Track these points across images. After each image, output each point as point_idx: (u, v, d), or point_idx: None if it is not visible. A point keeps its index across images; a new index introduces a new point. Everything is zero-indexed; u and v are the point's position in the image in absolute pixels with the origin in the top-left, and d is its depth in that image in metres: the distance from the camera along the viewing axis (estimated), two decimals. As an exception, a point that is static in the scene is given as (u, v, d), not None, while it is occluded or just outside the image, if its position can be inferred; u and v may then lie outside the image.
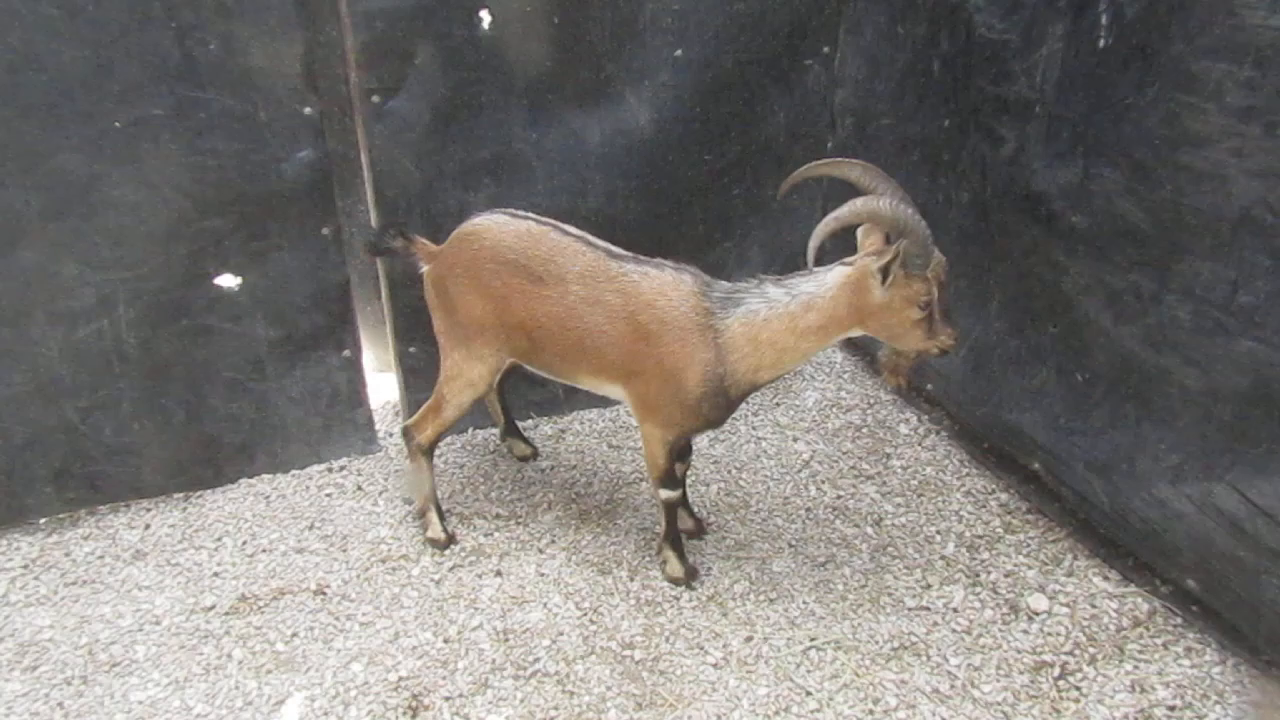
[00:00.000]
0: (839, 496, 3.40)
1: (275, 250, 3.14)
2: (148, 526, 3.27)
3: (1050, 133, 2.85)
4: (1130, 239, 2.66)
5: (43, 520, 3.29)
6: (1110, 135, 2.65)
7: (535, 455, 3.60)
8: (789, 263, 4.00)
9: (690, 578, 3.03)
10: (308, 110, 3.02)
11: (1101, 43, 2.66)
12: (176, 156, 2.92)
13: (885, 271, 2.45)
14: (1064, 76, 2.79)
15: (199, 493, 3.42)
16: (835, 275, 2.58)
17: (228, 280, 3.11)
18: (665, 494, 2.95)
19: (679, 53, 3.41)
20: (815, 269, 2.63)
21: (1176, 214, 2.50)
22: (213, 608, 2.98)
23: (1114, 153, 2.66)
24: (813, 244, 2.56)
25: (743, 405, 3.81)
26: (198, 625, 2.92)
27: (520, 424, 3.67)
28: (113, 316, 3.03)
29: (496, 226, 2.85)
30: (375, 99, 3.09)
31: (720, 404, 2.74)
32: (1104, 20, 2.64)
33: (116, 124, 2.83)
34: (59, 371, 3.04)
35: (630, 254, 2.78)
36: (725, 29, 3.46)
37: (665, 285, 2.69)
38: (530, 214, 2.87)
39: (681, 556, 3.03)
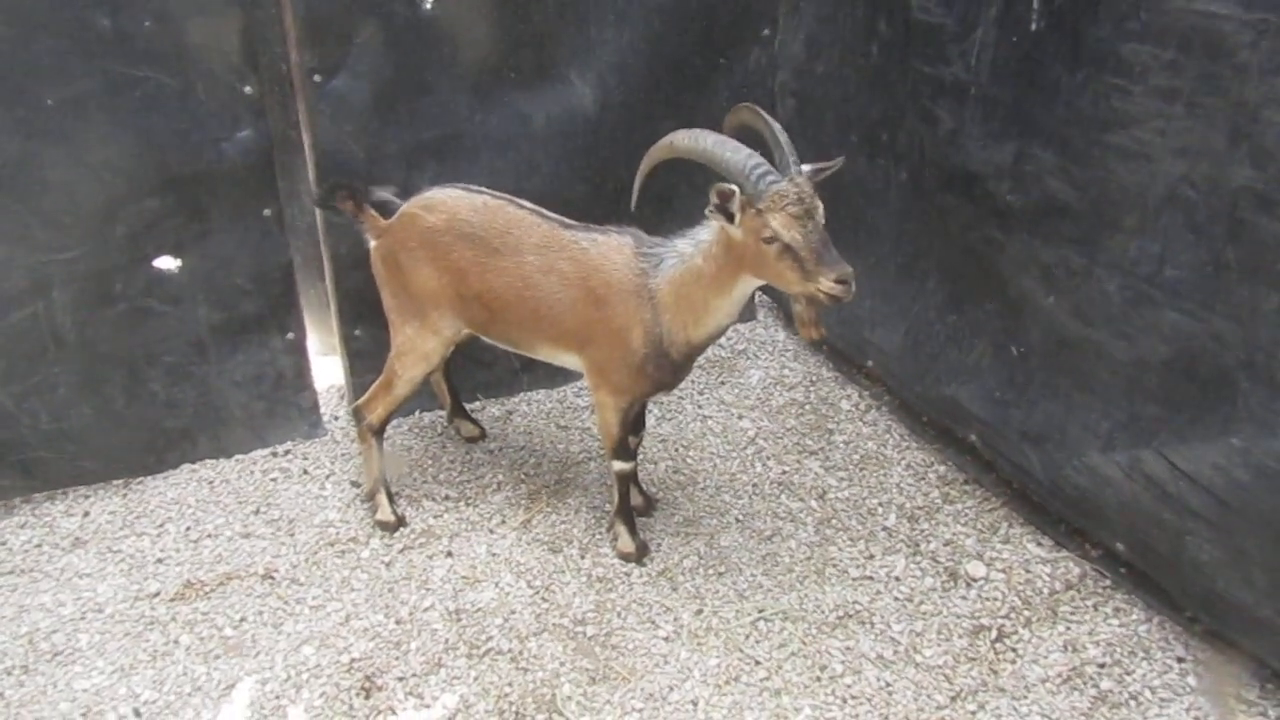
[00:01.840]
0: (784, 472, 3.47)
1: (215, 232, 3.09)
2: (87, 514, 3.21)
3: (985, 114, 2.93)
4: (1062, 216, 2.75)
5: (-26, 510, 3.22)
6: (1042, 116, 2.74)
7: (483, 436, 3.60)
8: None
9: (641, 554, 3.07)
10: (248, 89, 2.98)
11: (1033, 26, 2.74)
12: (111, 135, 2.86)
13: (721, 211, 2.47)
14: (997, 59, 2.87)
15: (140, 479, 3.36)
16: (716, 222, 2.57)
17: (167, 262, 3.05)
18: (619, 466, 2.99)
19: (622, 34, 3.42)
20: None
21: (1105, 191, 2.60)
22: (157, 594, 2.94)
23: (1046, 133, 2.75)
24: (636, 184, 2.64)
25: (688, 384, 3.91)
26: (142, 612, 2.88)
27: (467, 405, 3.67)
28: (47, 300, 2.96)
29: (452, 200, 2.86)
30: (316, 78, 3.05)
31: (664, 365, 2.77)
32: (1035, 4, 2.73)
33: (48, 101, 2.75)
34: (-7, 356, 2.97)
35: (580, 223, 2.81)
36: (667, 10, 3.48)
37: (610, 249, 2.75)
38: (484, 189, 2.89)
39: (633, 531, 3.07)
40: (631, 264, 2.71)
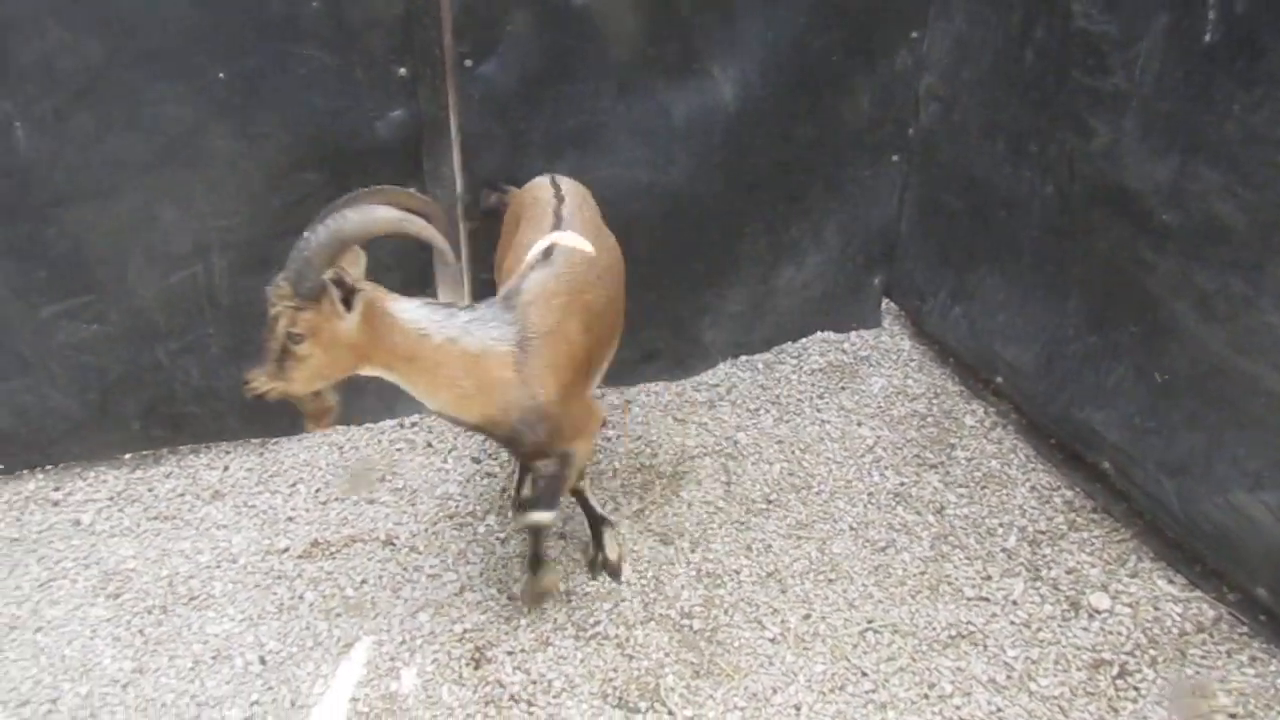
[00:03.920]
0: (901, 483, 3.40)
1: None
2: (226, 469, 3.39)
3: (1146, 128, 2.80)
4: (1225, 239, 2.61)
5: (128, 456, 3.43)
6: (1211, 133, 2.60)
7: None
8: (864, 245, 3.99)
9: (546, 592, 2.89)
10: (402, 71, 3.08)
11: (1207, 38, 2.61)
12: (275, 111, 3.00)
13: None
14: (1164, 71, 2.74)
15: (276, 439, 3.52)
16: None
17: (317, 234, 3.18)
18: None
19: (767, 30, 3.40)
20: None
21: (1277, 217, 2.46)
22: (286, 550, 3.08)
23: (1213, 151, 2.61)
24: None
25: (808, 388, 3.88)
26: (272, 566, 3.03)
27: (588, 392, 3.74)
28: (206, 263, 3.13)
29: (536, 185, 2.99)
30: (467, 63, 3.13)
31: None
32: (1210, 15, 2.59)
33: (220, 75, 2.91)
34: (153, 314, 3.15)
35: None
36: (815, 8, 3.44)
37: None
38: (571, 186, 2.95)
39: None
40: None
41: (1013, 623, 2.85)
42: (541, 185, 2.96)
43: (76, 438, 3.30)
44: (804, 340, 4.10)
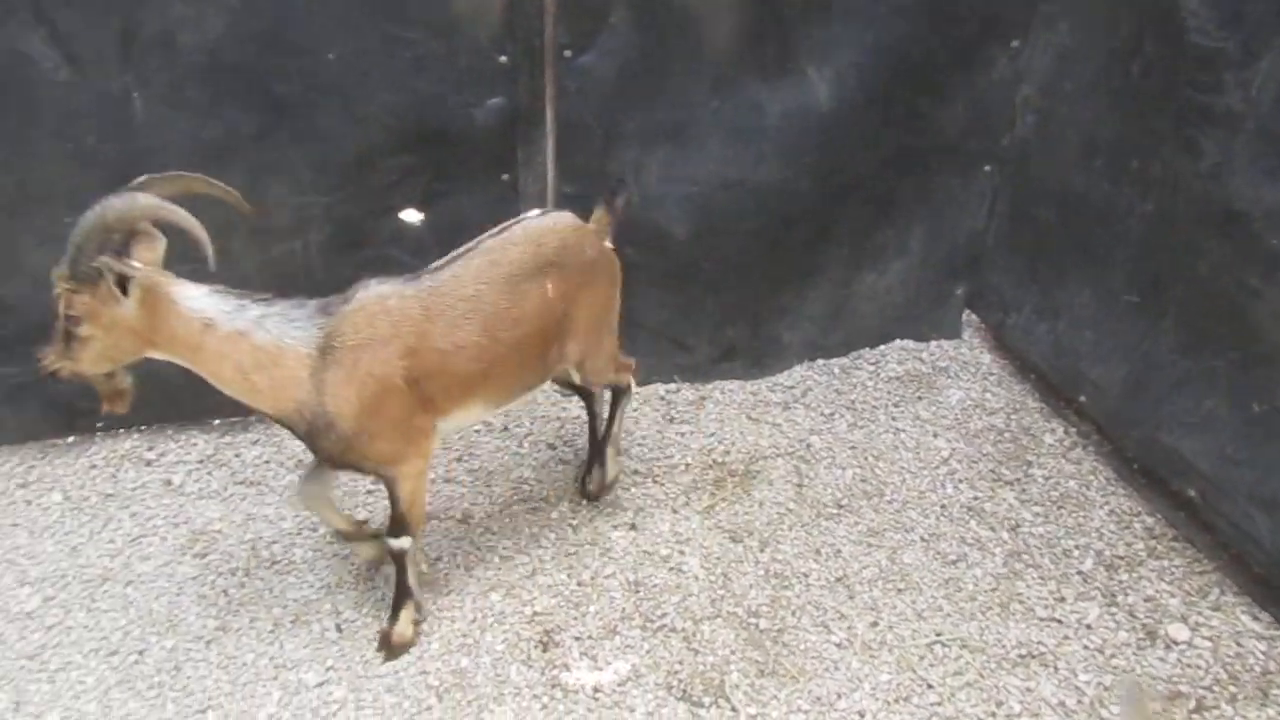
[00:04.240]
0: (975, 498, 3.36)
1: (457, 191, 3.27)
2: (310, 439, 3.48)
3: (1261, 150, 2.72)
4: (1336, 270, 2.54)
5: (217, 422, 3.54)
6: (1329, 159, 2.53)
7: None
8: (949, 254, 3.94)
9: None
10: (503, 59, 3.13)
11: (1331, 61, 2.53)
12: (380, 92, 3.07)
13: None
14: (1283, 92, 2.67)
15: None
16: None
17: (411, 215, 3.26)
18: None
19: (866, 34, 3.38)
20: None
21: (1395, 249, 2.38)
22: (365, 522, 3.15)
23: (1330, 178, 2.53)
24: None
25: (884, 395, 3.85)
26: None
27: (664, 386, 3.77)
28: (305, 239, 3.22)
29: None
30: (567, 53, 3.17)
31: None
32: (1336, 37, 2.51)
33: (330, 56, 2.98)
34: (252, 285, 3.22)
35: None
36: (914, 14, 3.40)
37: None
38: (536, 229, 2.76)
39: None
40: None
41: (1086, 647, 2.80)
42: (525, 217, 2.81)
43: (171, 402, 3.40)
44: (882, 347, 4.07)
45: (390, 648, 2.74)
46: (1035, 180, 3.71)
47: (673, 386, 3.83)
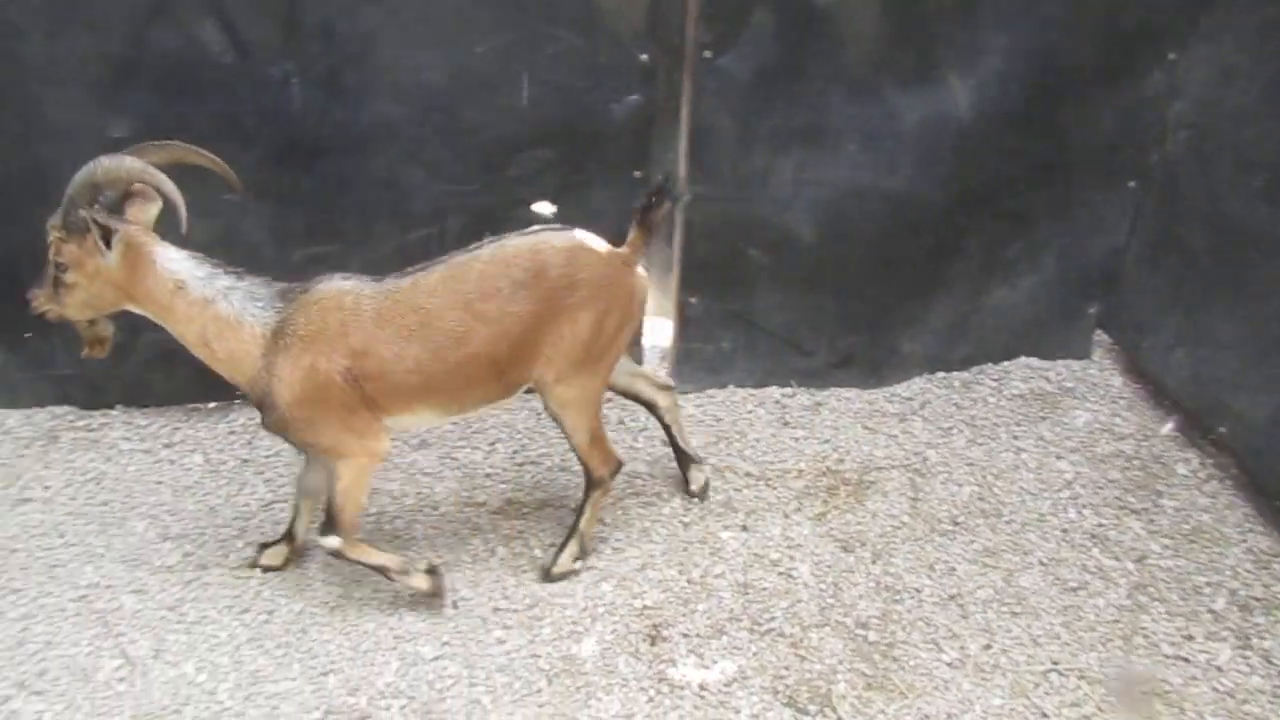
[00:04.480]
0: (1100, 525, 3.25)
1: (589, 185, 3.32)
2: (433, 420, 3.58)
3: None
4: None
5: (347, 397, 3.68)
6: None
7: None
8: (1083, 272, 3.82)
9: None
10: (644, 57, 3.16)
11: None
12: (522, 86, 3.13)
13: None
14: None
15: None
16: None
17: (543, 207, 3.32)
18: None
19: (1013, 42, 3.30)
20: None
21: None
22: (483, 505, 3.25)
23: None
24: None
25: (1006, 412, 3.75)
26: (468, 518, 3.20)
27: (781, 390, 3.74)
28: (442, 225, 3.32)
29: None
30: (706, 54, 3.18)
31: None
32: None
33: (477, 50, 3.07)
34: (389, 268, 3.34)
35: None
36: (1069, 22, 3.30)
37: None
38: (528, 248, 2.69)
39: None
40: None
41: (1215, 689, 2.68)
42: (533, 232, 2.74)
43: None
44: (1006, 363, 3.97)
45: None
46: (1184, 200, 3.56)
47: (789, 390, 3.81)
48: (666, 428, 3.24)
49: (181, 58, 2.99)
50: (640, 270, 2.79)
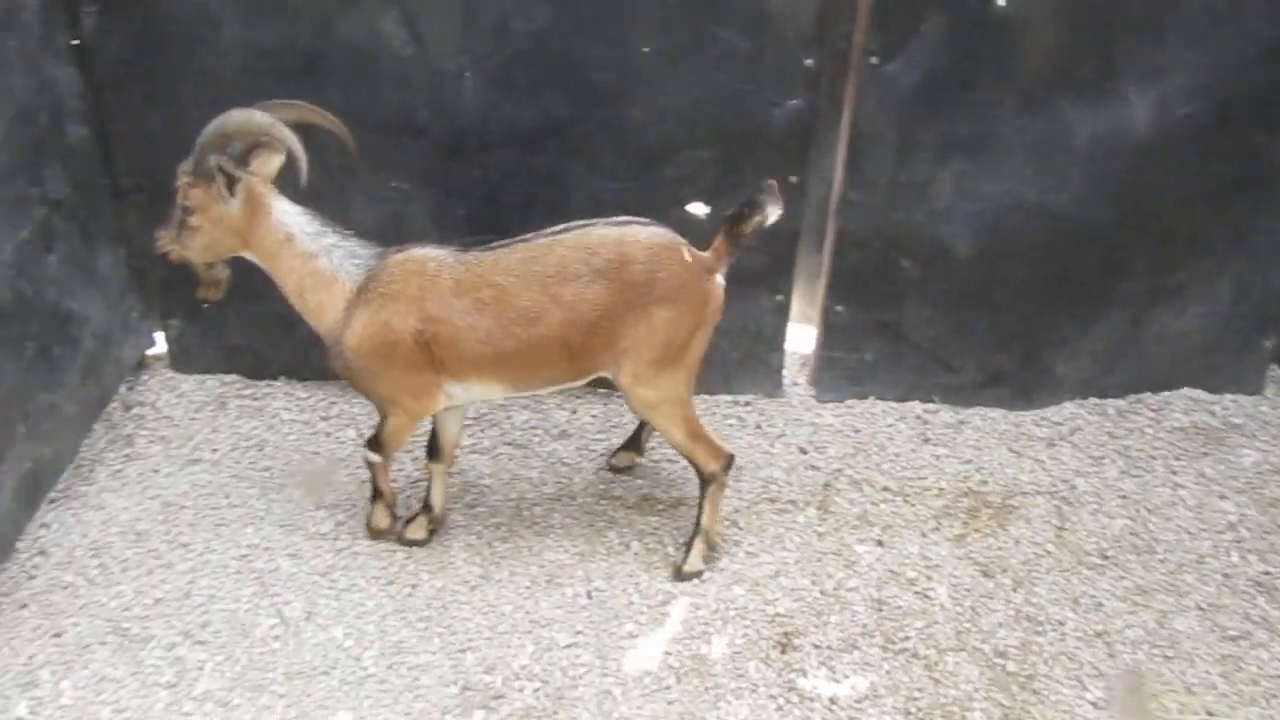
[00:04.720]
0: (1266, 572, 3.06)
1: (745, 189, 3.29)
2: (574, 412, 3.64)
3: None
4: None
5: (492, 383, 3.78)
6: None
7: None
8: (1260, 302, 3.60)
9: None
10: (808, 61, 3.13)
11: None
12: (686, 86, 3.15)
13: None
14: None
15: (618, 392, 3.73)
16: None
17: (698, 208, 3.33)
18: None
19: (1203, 57, 3.13)
20: None
21: None
22: (620, 498, 3.29)
23: None
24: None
25: (1165, 446, 3.56)
26: (605, 510, 3.24)
27: (923, 405, 3.66)
28: (598, 221, 3.37)
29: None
30: (873, 60, 3.13)
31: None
32: None
33: (644, 50, 3.10)
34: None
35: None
36: (1265, 37, 3.11)
37: None
38: (615, 239, 2.73)
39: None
40: None
41: (1388, 759, 2.50)
42: (620, 222, 2.77)
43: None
44: (1166, 394, 3.77)
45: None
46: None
47: (931, 406, 3.71)
48: (642, 425, 3.31)
49: (365, 49, 3.12)
50: (719, 279, 2.82)
